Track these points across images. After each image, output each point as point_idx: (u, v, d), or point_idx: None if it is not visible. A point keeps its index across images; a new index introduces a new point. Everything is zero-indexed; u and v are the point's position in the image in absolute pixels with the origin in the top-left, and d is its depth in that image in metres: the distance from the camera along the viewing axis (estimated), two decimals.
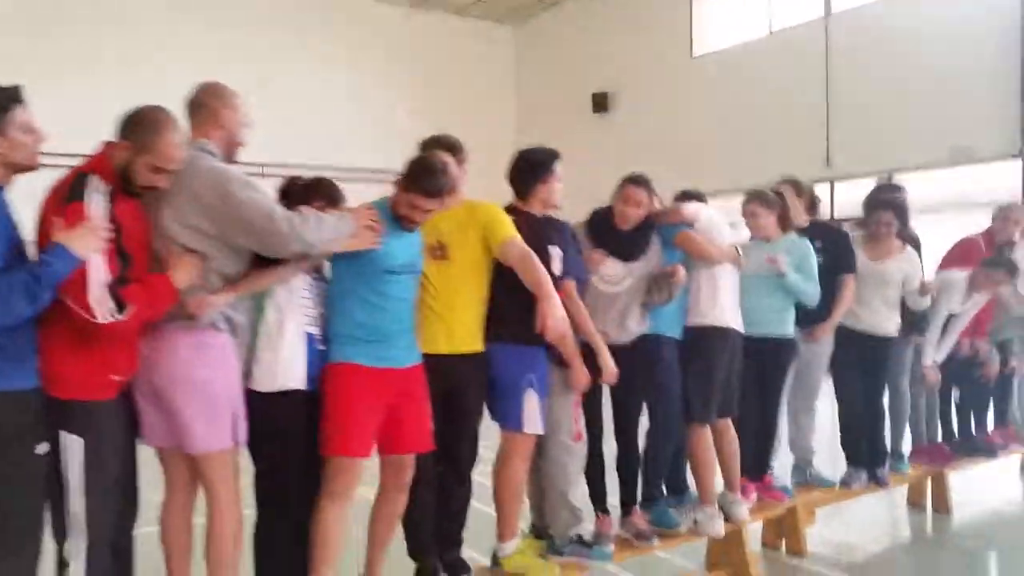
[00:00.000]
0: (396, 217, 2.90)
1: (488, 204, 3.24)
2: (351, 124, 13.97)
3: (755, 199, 4.20)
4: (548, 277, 3.00)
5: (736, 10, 12.63)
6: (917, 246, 4.79)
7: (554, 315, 2.88)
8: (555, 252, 3.24)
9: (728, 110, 12.23)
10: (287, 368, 2.79)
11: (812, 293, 4.09)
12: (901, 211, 4.59)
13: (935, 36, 9.90)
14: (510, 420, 3.27)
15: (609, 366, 3.41)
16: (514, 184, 3.42)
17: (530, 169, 3.39)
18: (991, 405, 5.51)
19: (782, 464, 4.59)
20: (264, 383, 2.77)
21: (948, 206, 9.78)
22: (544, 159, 3.41)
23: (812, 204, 4.53)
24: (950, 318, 4.86)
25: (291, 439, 2.81)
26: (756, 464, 4.26)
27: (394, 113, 14.10)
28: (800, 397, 4.53)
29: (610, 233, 3.73)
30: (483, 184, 4.27)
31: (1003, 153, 9.36)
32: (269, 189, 2.87)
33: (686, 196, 4.22)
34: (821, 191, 10.84)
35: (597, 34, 14.59)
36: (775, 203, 4.22)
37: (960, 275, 4.84)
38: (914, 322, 4.74)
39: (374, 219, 2.83)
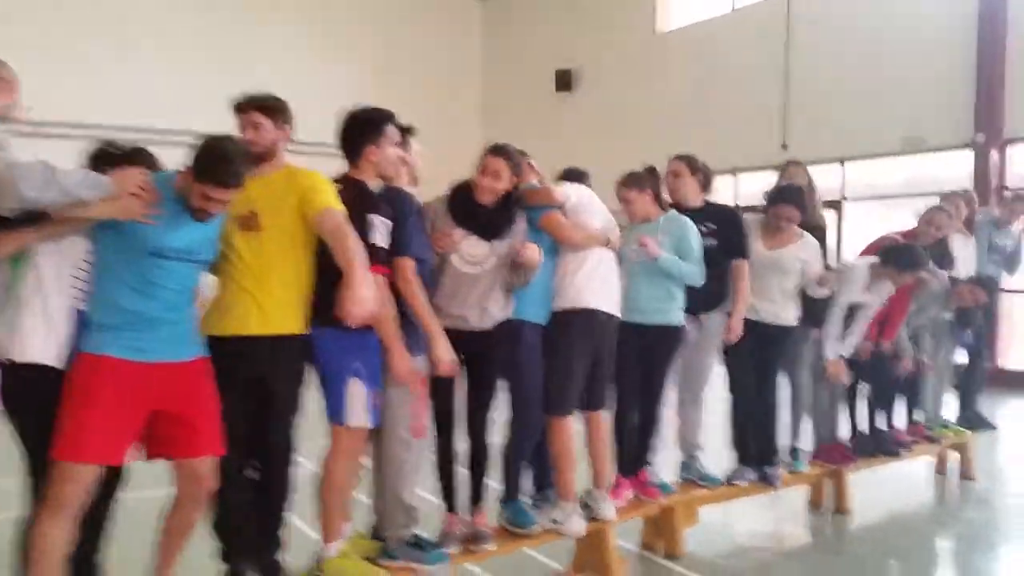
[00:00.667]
0: (187, 208, 2.57)
1: (310, 171, 2.91)
2: (308, 97, 13.43)
3: (625, 183, 3.94)
4: (361, 254, 2.68)
5: None
6: (822, 233, 4.53)
7: (356, 297, 2.56)
8: (377, 222, 2.92)
9: (691, 89, 11.94)
10: (31, 339, 2.48)
11: (691, 273, 3.84)
12: (802, 203, 4.32)
13: (893, 24, 9.66)
14: (333, 413, 3.00)
15: (442, 357, 3.12)
16: (342, 147, 3.10)
17: (357, 129, 3.07)
18: (903, 402, 5.30)
19: (672, 460, 4.36)
20: (12, 352, 2.49)
21: (900, 194, 9.58)
22: (374, 117, 3.08)
23: (707, 182, 4.24)
24: (857, 310, 4.61)
25: (44, 420, 2.49)
26: (634, 458, 4.03)
27: (355, 87, 13.67)
28: (687, 387, 4.29)
29: (472, 209, 3.44)
30: (447, 166, 4.05)
31: (955, 143, 9.13)
32: None
33: (568, 175, 3.95)
34: (774, 177, 10.69)
35: (561, 11, 14.25)
36: (646, 182, 3.95)
37: (861, 264, 4.59)
38: (815, 313, 4.48)
39: (144, 188, 2.50)
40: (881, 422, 5.07)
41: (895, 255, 4.57)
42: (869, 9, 9.89)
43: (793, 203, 4.28)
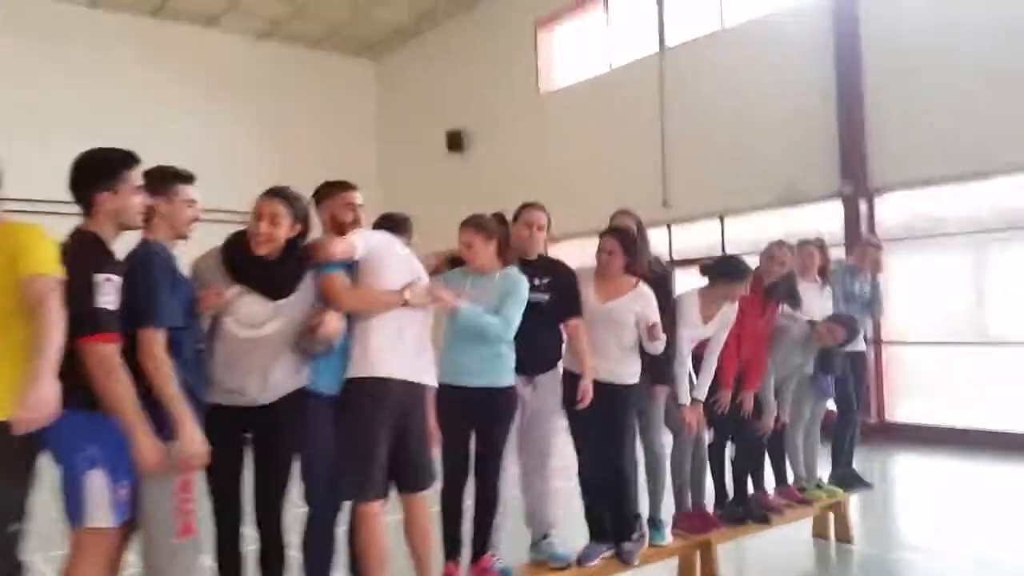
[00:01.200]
0: None
1: (31, 227, 2.44)
2: (194, 162, 12.80)
3: (470, 225, 3.55)
4: (57, 334, 2.29)
5: (580, 46, 12.34)
6: (663, 281, 4.22)
7: (27, 399, 2.21)
8: (101, 280, 2.43)
9: (574, 149, 11.88)
10: None
11: (493, 326, 3.41)
12: (631, 243, 3.99)
13: (760, 79, 9.81)
14: (69, 512, 2.51)
15: (189, 450, 2.57)
16: (73, 196, 2.62)
17: (86, 174, 2.60)
18: (774, 461, 4.98)
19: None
20: None
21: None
22: (107, 160, 2.62)
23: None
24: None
25: None
26: (474, 542, 3.56)
27: (251, 150, 13.21)
28: (530, 455, 3.85)
29: (250, 263, 2.97)
30: None
31: (826, 194, 9.20)
32: None
33: (383, 221, 3.52)
34: (658, 235, 10.71)
35: (451, 71, 14.17)
36: (495, 231, 3.57)
37: (690, 292, 4.37)
38: (660, 368, 4.13)
39: None
40: (749, 485, 4.72)
41: (718, 267, 4.35)
42: (737, 64, 10.02)
43: (615, 236, 3.96)
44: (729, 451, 4.69)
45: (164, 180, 2.81)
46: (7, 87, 11.44)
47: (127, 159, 2.65)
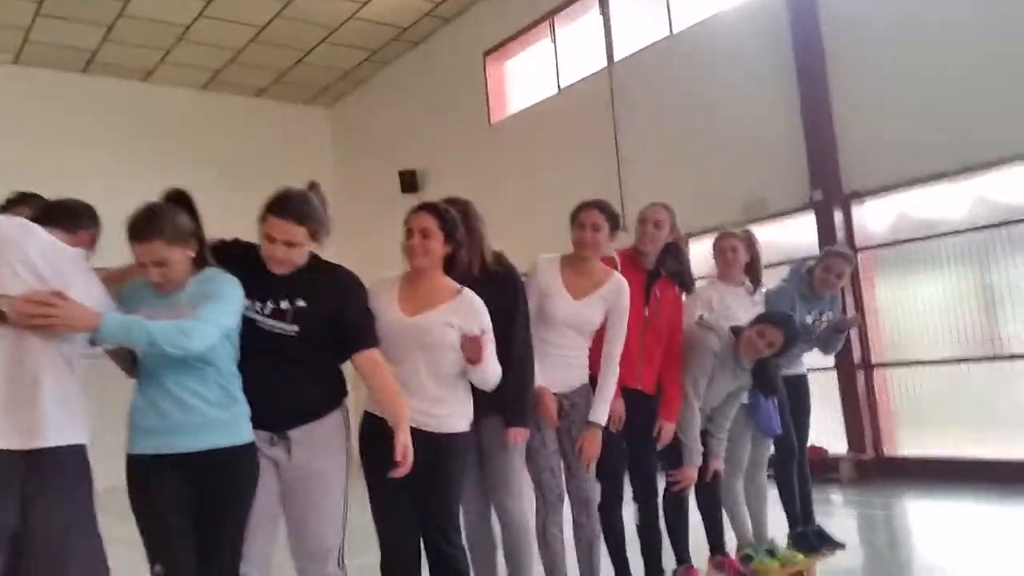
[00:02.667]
0: None
1: None
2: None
3: None
4: None
5: (528, 71, 11.53)
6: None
7: None
8: None
9: (528, 177, 10.99)
10: None
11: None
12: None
13: (718, 92, 8.88)
14: None
15: None
16: None
17: None
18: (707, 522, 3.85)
19: None
20: None
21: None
22: None
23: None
24: None
25: None
26: None
27: (201, 196, 12.36)
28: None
29: None
30: None
31: (797, 205, 8.16)
32: None
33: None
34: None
35: (403, 111, 13.48)
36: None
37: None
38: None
39: None
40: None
41: None
42: (689, 72, 9.13)
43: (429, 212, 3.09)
44: (632, 513, 3.57)
45: None
46: None
47: None
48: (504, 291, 3.27)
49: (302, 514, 2.89)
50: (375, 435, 2.87)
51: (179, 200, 2.69)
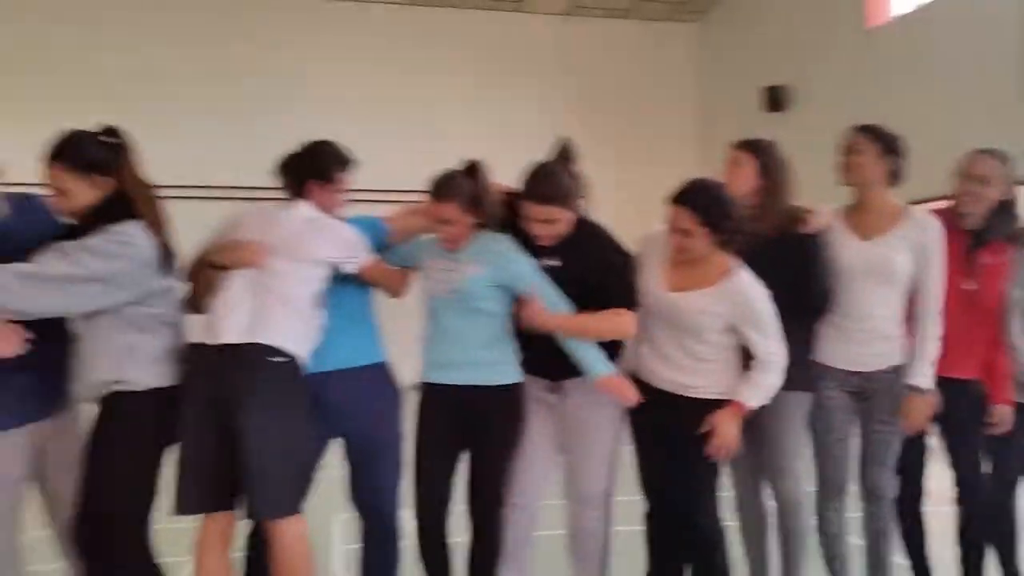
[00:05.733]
0: None
1: None
2: (500, 141, 12.98)
3: None
4: None
5: None
6: None
7: None
8: None
9: (912, 91, 9.45)
10: None
11: None
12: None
13: None
14: None
15: None
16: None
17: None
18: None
19: None
20: None
21: None
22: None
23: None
24: None
25: None
26: None
27: (551, 125, 12.96)
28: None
29: None
30: (657, 200, 3.49)
31: None
32: None
33: None
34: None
35: (770, 22, 12.55)
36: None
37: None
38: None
39: None
40: None
41: None
42: None
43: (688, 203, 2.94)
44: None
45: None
46: (324, 95, 12.39)
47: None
48: (798, 254, 2.95)
49: (575, 458, 3.21)
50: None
51: (471, 172, 3.09)
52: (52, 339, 2.80)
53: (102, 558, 2.76)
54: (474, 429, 3.11)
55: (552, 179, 3.01)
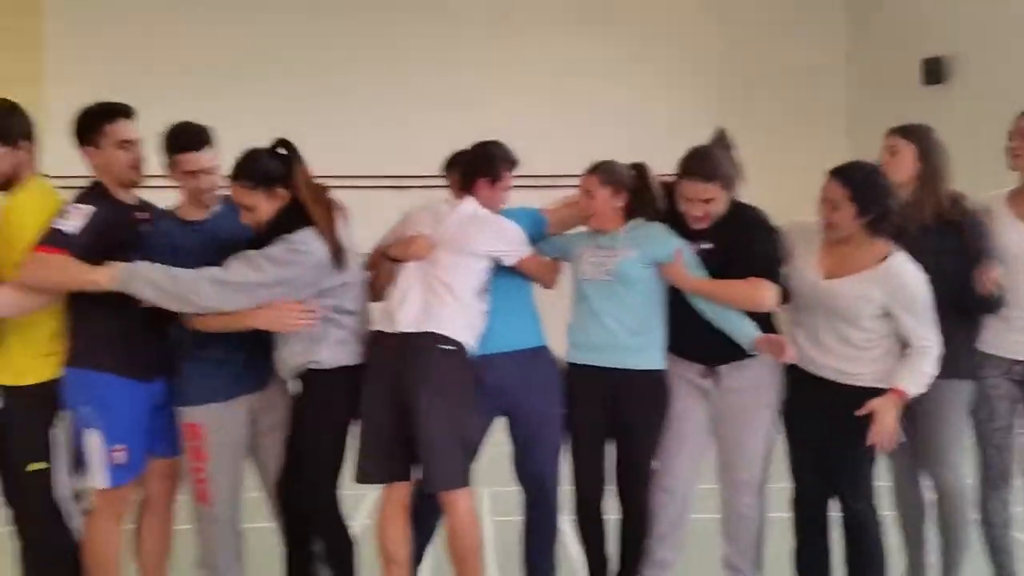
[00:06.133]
0: None
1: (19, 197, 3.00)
2: (644, 123, 12.50)
3: None
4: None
5: None
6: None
7: None
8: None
9: None
10: None
11: None
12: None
13: None
14: (80, 469, 3.05)
15: None
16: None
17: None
18: None
19: None
20: None
21: None
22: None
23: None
24: None
25: None
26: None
27: (699, 102, 12.92)
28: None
29: None
30: (809, 174, 3.77)
31: None
32: None
33: None
34: None
35: None
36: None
37: None
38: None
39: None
40: None
41: None
42: None
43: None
44: None
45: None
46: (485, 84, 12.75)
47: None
48: (958, 242, 2.92)
49: (728, 444, 3.32)
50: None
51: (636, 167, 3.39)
52: None
53: (302, 517, 3.16)
54: (619, 412, 3.33)
55: (710, 159, 3.16)
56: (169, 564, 3.40)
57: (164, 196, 3.34)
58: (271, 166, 3.11)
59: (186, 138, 3.17)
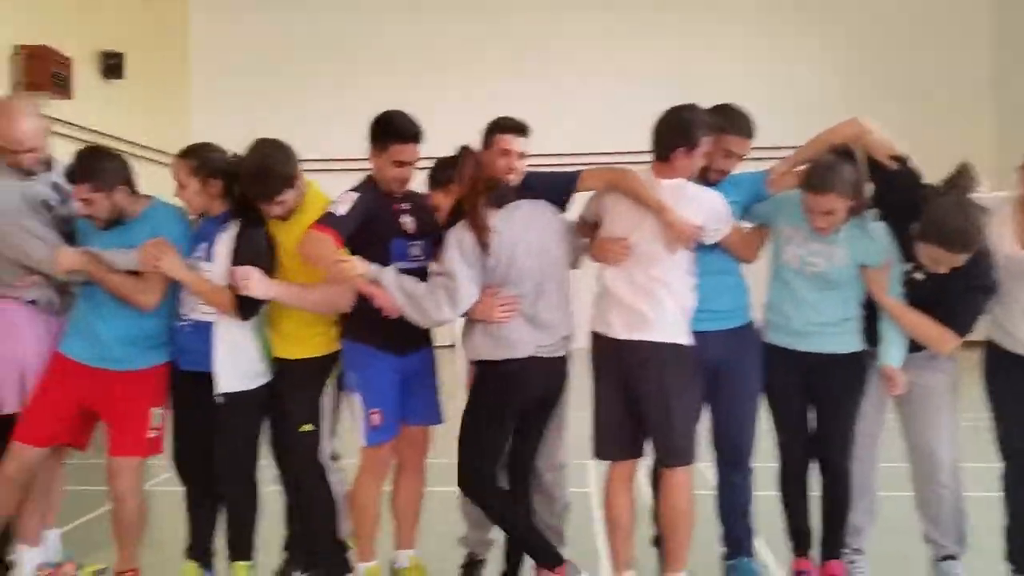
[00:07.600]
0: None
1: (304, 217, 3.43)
2: (764, 100, 12.51)
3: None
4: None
5: None
6: None
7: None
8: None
9: None
10: None
11: None
12: None
13: None
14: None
15: None
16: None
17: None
18: None
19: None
20: None
21: None
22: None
23: None
24: None
25: None
26: (826, 540, 3.66)
27: (820, 83, 12.74)
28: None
29: None
30: (955, 147, 3.99)
31: None
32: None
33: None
34: None
35: None
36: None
37: None
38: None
39: None
40: None
41: None
42: None
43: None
44: None
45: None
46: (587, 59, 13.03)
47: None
48: None
49: (917, 426, 3.50)
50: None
51: (848, 155, 3.36)
52: None
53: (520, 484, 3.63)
54: (819, 391, 3.51)
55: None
56: (419, 520, 3.74)
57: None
58: (450, 168, 3.32)
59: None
